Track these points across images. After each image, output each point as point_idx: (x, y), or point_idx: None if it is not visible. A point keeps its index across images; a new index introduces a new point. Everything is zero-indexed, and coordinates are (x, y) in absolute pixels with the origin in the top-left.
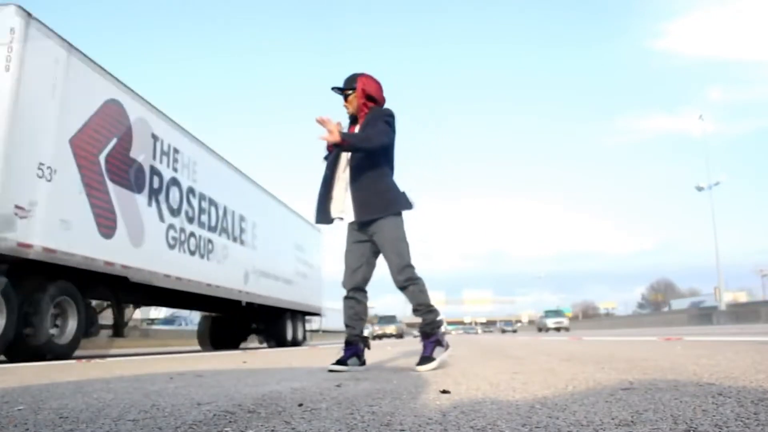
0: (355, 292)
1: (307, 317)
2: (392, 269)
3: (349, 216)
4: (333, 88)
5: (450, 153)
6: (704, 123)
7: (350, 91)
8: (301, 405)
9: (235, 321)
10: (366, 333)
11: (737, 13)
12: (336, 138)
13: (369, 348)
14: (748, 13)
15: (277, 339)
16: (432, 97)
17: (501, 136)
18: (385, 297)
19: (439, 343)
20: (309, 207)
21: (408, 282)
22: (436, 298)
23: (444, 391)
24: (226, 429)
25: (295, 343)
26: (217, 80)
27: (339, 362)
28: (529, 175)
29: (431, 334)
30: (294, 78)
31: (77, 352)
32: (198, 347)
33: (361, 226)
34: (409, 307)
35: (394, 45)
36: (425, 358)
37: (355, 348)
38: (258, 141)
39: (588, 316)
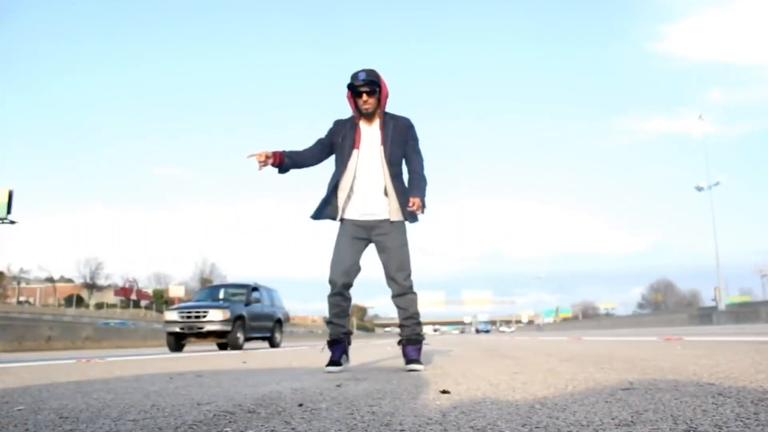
0: (344, 289)
1: None
2: (397, 274)
3: (382, 214)
4: (363, 81)
5: (448, 153)
6: (704, 123)
7: (377, 89)
8: (301, 405)
9: None
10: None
11: (735, 16)
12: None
13: (350, 343)
14: (747, 16)
15: None
16: (430, 97)
17: (500, 137)
18: (378, 298)
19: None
20: (307, 205)
21: (409, 290)
22: (436, 299)
23: (444, 391)
24: (226, 429)
25: None
26: (216, 80)
27: (333, 363)
28: (528, 175)
29: (419, 342)
30: (293, 78)
31: (77, 352)
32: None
33: (368, 224)
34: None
35: (392, 45)
36: (414, 360)
37: (342, 346)
38: (257, 141)
39: (588, 316)
